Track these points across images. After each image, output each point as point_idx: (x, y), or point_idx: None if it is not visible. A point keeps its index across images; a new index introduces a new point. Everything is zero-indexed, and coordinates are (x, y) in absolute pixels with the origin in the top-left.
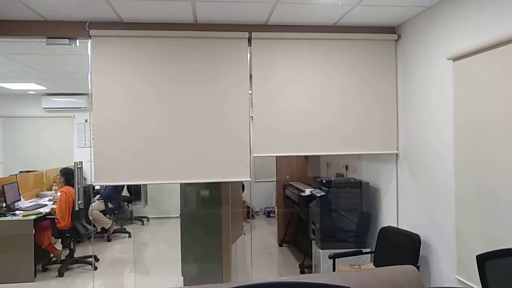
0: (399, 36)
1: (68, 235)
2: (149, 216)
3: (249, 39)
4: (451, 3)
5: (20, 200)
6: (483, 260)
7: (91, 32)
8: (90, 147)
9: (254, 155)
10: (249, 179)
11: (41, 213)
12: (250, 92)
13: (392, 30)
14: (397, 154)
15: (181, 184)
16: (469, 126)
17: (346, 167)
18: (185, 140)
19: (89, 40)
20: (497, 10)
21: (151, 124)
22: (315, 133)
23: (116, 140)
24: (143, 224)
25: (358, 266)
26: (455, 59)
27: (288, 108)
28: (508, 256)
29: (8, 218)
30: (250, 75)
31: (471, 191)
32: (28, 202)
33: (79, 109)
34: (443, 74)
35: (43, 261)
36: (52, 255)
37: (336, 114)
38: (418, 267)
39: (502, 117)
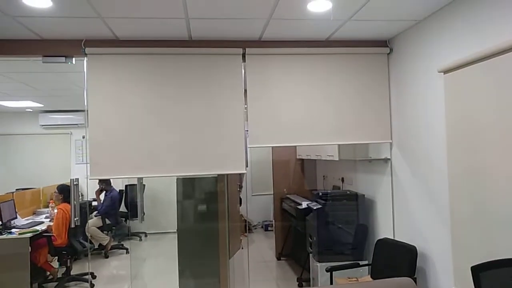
0: (391, 50)
1: (65, 252)
2: (146, 232)
3: (243, 55)
4: (440, 17)
5: (16, 218)
6: (478, 271)
7: (87, 50)
8: (87, 163)
9: (249, 146)
10: (245, 172)
11: (37, 230)
12: (245, 106)
13: (384, 44)
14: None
15: (178, 198)
16: (461, 138)
17: (342, 180)
18: (181, 143)
19: (85, 57)
20: (486, 23)
21: (147, 129)
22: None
23: (112, 134)
24: (140, 239)
25: (355, 279)
26: (446, 71)
27: (283, 121)
28: (502, 267)
29: (4, 236)
30: (245, 90)
31: (466, 202)
32: (25, 219)
33: (77, 125)
34: (435, 86)
35: (40, 279)
36: (48, 273)
37: (329, 127)
38: (415, 279)
39: (494, 128)
